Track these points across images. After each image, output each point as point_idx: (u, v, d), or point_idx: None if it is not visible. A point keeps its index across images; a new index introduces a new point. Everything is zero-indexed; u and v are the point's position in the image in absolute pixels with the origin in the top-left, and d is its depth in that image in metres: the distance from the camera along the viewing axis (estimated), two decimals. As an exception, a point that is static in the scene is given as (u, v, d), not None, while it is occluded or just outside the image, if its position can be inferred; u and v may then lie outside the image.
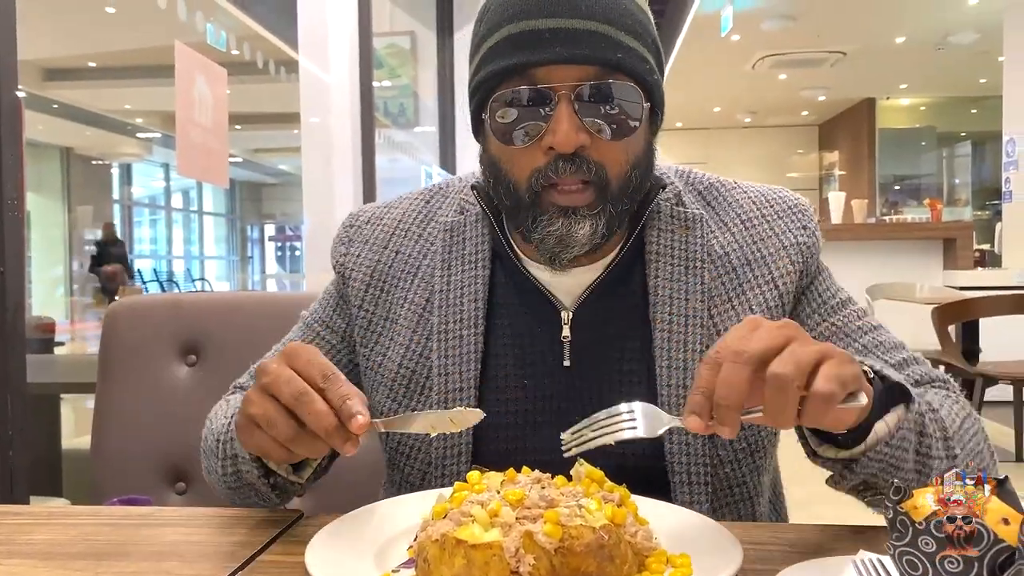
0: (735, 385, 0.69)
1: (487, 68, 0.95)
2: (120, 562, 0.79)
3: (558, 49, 0.91)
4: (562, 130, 0.91)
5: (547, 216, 0.95)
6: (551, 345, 1.01)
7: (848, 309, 1.05)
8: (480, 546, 0.64)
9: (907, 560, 0.60)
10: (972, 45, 10.11)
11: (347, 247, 1.13)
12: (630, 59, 0.93)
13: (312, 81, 4.32)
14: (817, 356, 0.71)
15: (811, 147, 16.19)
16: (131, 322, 1.53)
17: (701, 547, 0.73)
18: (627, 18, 0.94)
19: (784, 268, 1.03)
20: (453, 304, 1.04)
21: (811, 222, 1.07)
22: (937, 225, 6.83)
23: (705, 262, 1.02)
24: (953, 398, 0.98)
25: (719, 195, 1.09)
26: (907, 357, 1.03)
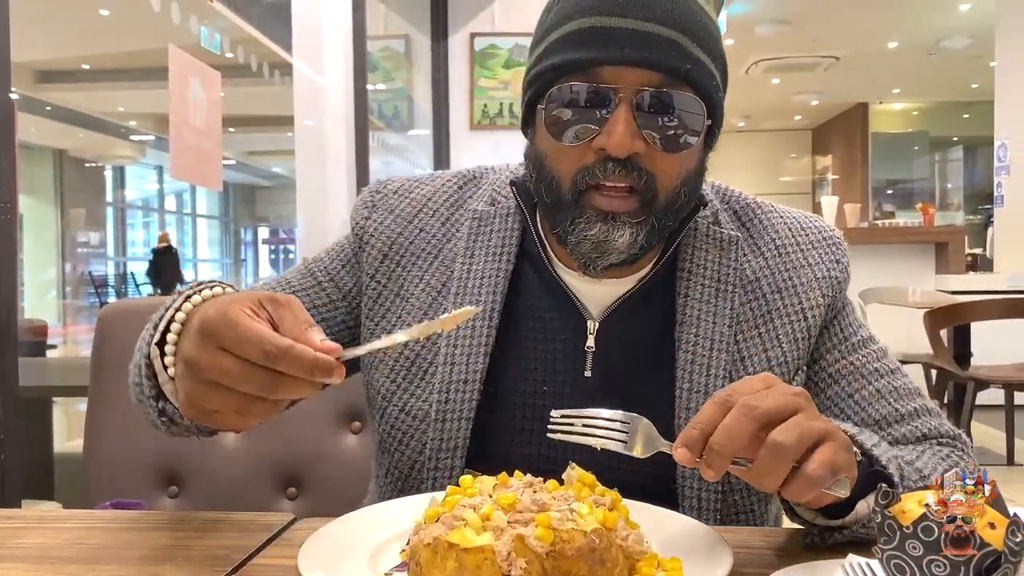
0: (736, 436, 0.69)
1: (550, 60, 0.93)
2: (112, 566, 0.79)
3: (627, 50, 0.89)
4: (617, 133, 0.89)
5: (586, 218, 0.93)
6: (574, 353, 0.99)
7: (868, 349, 1.04)
8: (472, 550, 0.64)
9: (895, 564, 0.61)
10: (964, 50, 10.16)
11: (370, 211, 1.10)
12: (699, 72, 0.91)
13: (306, 84, 4.32)
14: (819, 435, 0.70)
15: (804, 151, 16.23)
16: (124, 325, 1.52)
17: (692, 551, 0.73)
18: (701, 30, 0.92)
19: (815, 300, 1.02)
20: (471, 292, 1.02)
21: (844, 256, 1.06)
22: (929, 229, 6.85)
23: (736, 286, 1.01)
24: (954, 459, 0.96)
25: (755, 217, 1.07)
26: (919, 407, 1.01)
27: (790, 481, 0.70)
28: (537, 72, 0.95)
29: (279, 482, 1.45)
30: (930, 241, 6.56)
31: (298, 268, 1.12)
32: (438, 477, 0.97)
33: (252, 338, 0.69)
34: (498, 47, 5.50)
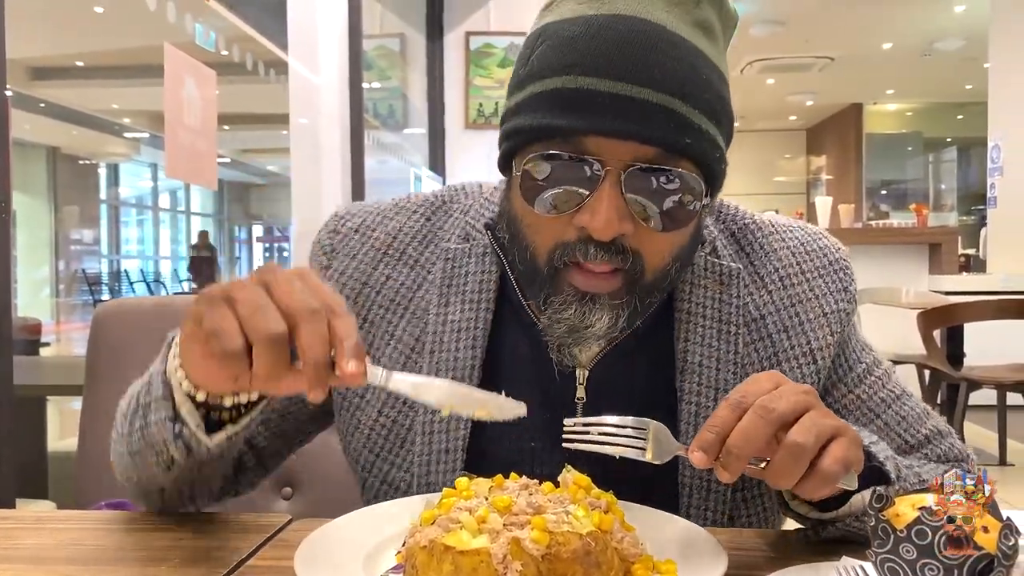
0: (753, 439, 0.69)
1: (528, 118, 0.82)
2: (109, 567, 0.79)
3: (617, 121, 0.78)
4: (602, 214, 0.79)
5: (562, 298, 0.84)
6: (563, 407, 0.91)
7: (872, 376, 0.99)
8: (468, 552, 0.64)
9: (888, 567, 0.61)
10: (958, 51, 10.19)
11: (329, 259, 1.00)
12: (699, 143, 0.81)
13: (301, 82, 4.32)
14: (832, 432, 0.71)
15: (799, 152, 16.26)
16: (119, 324, 1.52)
17: (687, 553, 0.73)
18: (705, 92, 0.81)
19: (823, 340, 0.95)
20: (447, 348, 0.93)
21: (852, 283, 0.99)
22: (923, 230, 6.88)
23: (739, 326, 0.93)
24: None
25: (755, 241, 0.98)
26: (930, 432, 0.98)
27: (805, 478, 0.70)
28: (515, 126, 0.84)
29: (275, 482, 1.45)
30: (924, 242, 6.59)
31: None
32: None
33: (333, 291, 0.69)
34: (494, 46, 5.50)
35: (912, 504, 0.62)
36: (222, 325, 0.67)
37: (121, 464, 0.91)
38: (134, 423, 0.86)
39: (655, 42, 0.79)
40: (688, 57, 0.81)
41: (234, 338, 0.67)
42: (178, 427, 0.80)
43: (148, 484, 0.89)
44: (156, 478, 0.87)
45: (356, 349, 0.66)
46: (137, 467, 0.88)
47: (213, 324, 0.68)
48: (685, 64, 0.80)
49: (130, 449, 0.87)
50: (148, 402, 0.83)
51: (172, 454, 0.82)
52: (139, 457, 0.86)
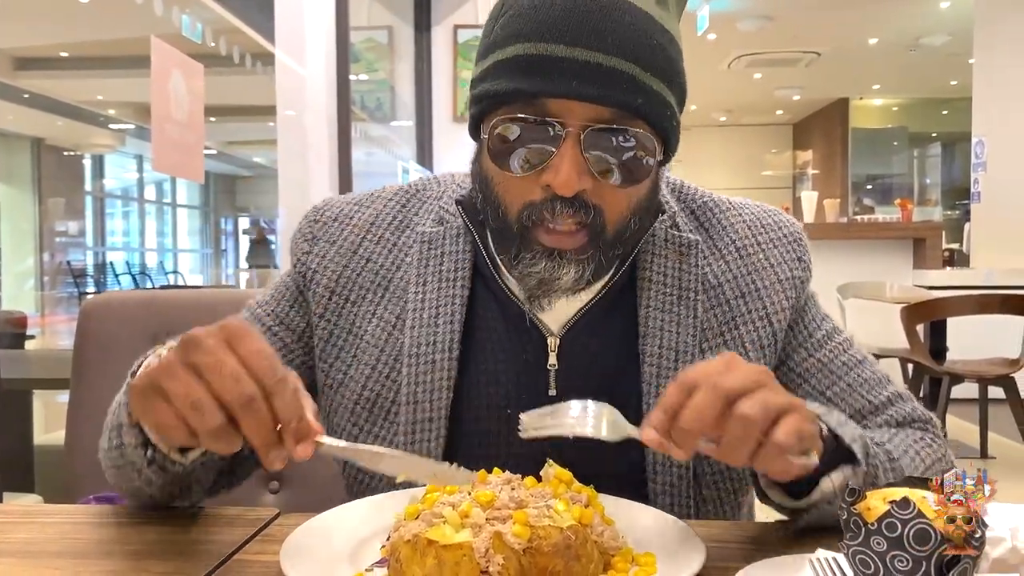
0: (704, 415, 0.70)
1: (493, 83, 0.88)
2: (98, 560, 0.80)
3: (575, 84, 0.83)
4: (564, 171, 0.84)
5: (532, 254, 0.89)
6: (536, 373, 0.96)
7: (833, 342, 1.03)
8: (451, 546, 0.66)
9: (860, 559, 0.63)
10: (943, 47, 10.25)
11: (311, 245, 1.04)
12: (652, 105, 0.86)
13: (288, 74, 4.30)
14: (784, 406, 0.72)
15: (785, 146, 16.32)
16: (106, 317, 1.53)
17: (666, 546, 0.75)
18: (657, 56, 0.86)
19: (779, 304, 1.00)
20: (427, 324, 0.97)
21: (805, 253, 1.05)
22: (907, 225, 6.93)
23: (698, 292, 0.98)
24: (926, 442, 0.97)
25: (713, 216, 1.04)
26: (891, 395, 1.01)
27: (759, 452, 0.72)
28: (482, 92, 0.90)
29: (262, 477, 1.46)
30: (908, 236, 6.64)
31: (244, 315, 1.06)
32: None
33: (269, 353, 0.70)
34: (481, 39, 5.49)
35: (883, 497, 0.64)
36: (163, 421, 0.70)
37: (109, 474, 0.95)
38: (112, 440, 0.90)
39: (610, 10, 0.84)
40: (641, 23, 0.86)
41: (180, 433, 0.70)
42: (150, 453, 0.84)
43: (137, 492, 0.92)
44: (142, 489, 0.90)
45: (300, 429, 0.70)
46: (123, 479, 0.91)
47: (154, 421, 0.71)
48: (638, 30, 0.85)
49: (114, 464, 0.91)
50: (119, 423, 0.87)
51: (148, 475, 0.86)
52: (122, 472, 0.90)
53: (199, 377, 0.69)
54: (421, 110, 5.69)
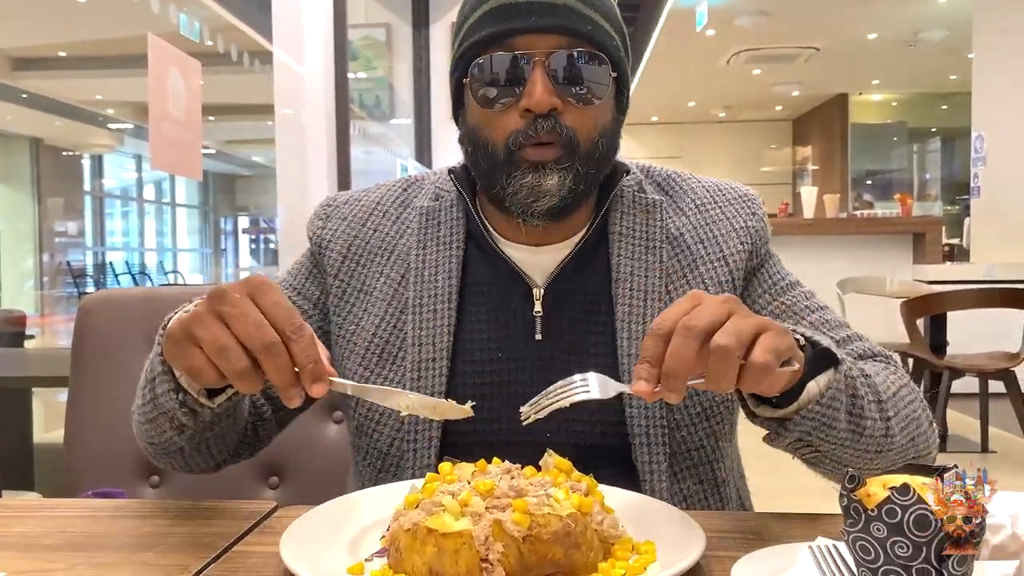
0: (685, 357, 0.75)
1: (469, 39, 1.04)
2: (97, 553, 0.80)
3: (533, 19, 1.00)
4: (537, 91, 0.99)
5: (519, 171, 1.02)
6: (524, 320, 1.08)
7: (796, 291, 1.13)
8: (451, 535, 0.66)
9: (860, 545, 0.63)
10: (942, 42, 10.24)
11: (324, 222, 1.18)
12: (599, 33, 1.02)
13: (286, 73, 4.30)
14: (756, 328, 0.77)
15: (785, 142, 16.33)
16: (105, 315, 1.53)
17: (665, 534, 0.75)
18: (599, 1, 1.03)
19: (734, 247, 1.11)
20: (428, 281, 1.10)
21: (759, 209, 1.17)
22: (907, 220, 6.93)
23: (663, 243, 1.11)
24: (891, 370, 1.05)
25: (675, 184, 1.18)
26: (850, 334, 1.10)
27: (743, 376, 0.77)
28: (460, 53, 1.05)
29: (261, 471, 1.46)
30: (908, 231, 6.64)
31: None
32: (418, 450, 1.04)
33: (287, 305, 0.79)
34: (479, 37, 5.48)
35: (883, 484, 0.64)
36: (195, 364, 0.79)
37: (141, 432, 1.01)
38: (146, 395, 0.96)
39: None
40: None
41: (210, 374, 0.79)
42: (181, 396, 0.90)
43: (168, 445, 0.98)
44: (173, 440, 0.96)
45: (315, 371, 0.78)
46: (155, 432, 0.97)
47: (187, 364, 0.80)
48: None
49: (147, 418, 0.97)
50: (153, 377, 0.94)
51: (180, 419, 0.92)
52: (154, 424, 0.96)
53: (225, 325, 0.78)
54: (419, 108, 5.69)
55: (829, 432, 0.89)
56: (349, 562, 0.72)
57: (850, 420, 0.91)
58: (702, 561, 0.72)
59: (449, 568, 0.65)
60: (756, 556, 0.71)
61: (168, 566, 0.76)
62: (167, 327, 0.88)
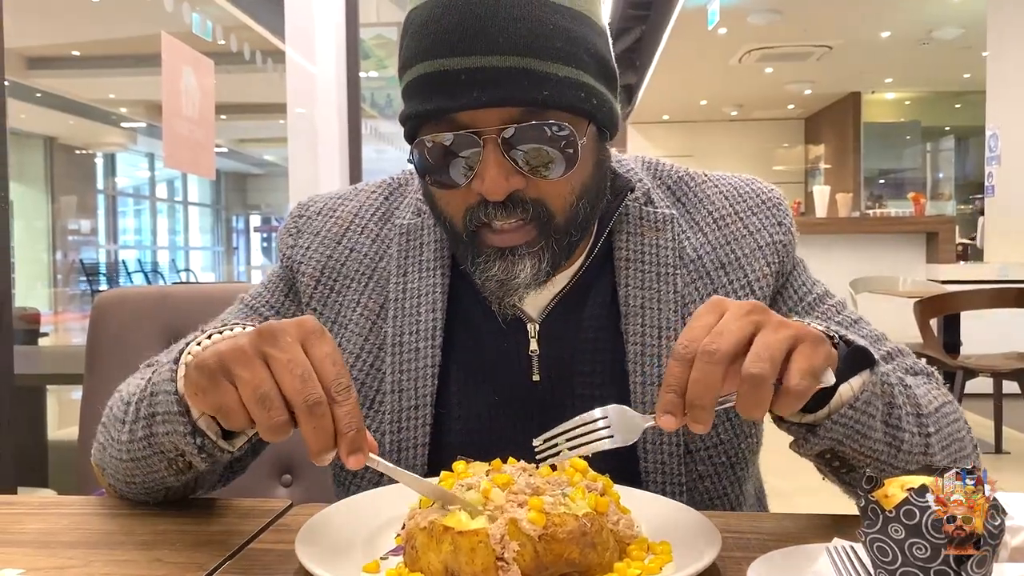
0: (709, 385, 0.69)
1: (407, 106, 0.89)
2: (112, 551, 0.80)
3: (475, 94, 0.83)
4: (490, 178, 0.85)
5: (484, 257, 0.90)
6: (518, 360, 0.96)
7: (824, 306, 1.02)
8: (467, 533, 0.66)
9: (878, 547, 0.62)
10: (956, 40, 10.17)
11: (295, 238, 1.06)
12: (560, 92, 0.85)
13: (298, 71, 4.31)
14: (789, 344, 0.70)
15: (797, 141, 16.25)
16: (119, 313, 1.53)
17: (681, 535, 0.75)
18: (555, 40, 0.85)
19: (760, 271, 0.99)
20: (409, 314, 0.98)
21: (786, 217, 1.03)
22: (920, 219, 6.89)
23: (677, 267, 0.98)
24: (934, 386, 0.96)
25: (689, 190, 1.04)
26: (890, 350, 1.00)
27: (776, 400, 0.70)
28: (402, 116, 0.91)
29: (274, 470, 1.46)
30: (921, 231, 6.61)
31: (237, 307, 1.07)
32: None
33: (339, 360, 0.71)
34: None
35: (901, 485, 0.64)
36: (225, 403, 0.71)
37: (115, 469, 0.92)
38: (135, 432, 0.87)
39: (495, 9, 0.83)
40: (533, 12, 0.84)
41: (240, 418, 0.71)
42: (199, 440, 0.81)
43: (152, 485, 0.90)
44: (163, 480, 0.89)
45: (355, 440, 0.69)
46: (139, 471, 0.89)
47: (216, 402, 0.72)
48: (529, 20, 0.84)
49: (131, 456, 0.88)
50: (152, 413, 0.85)
51: (191, 462, 0.84)
52: (143, 463, 0.88)
53: (269, 370, 0.70)
54: (431, 106, 5.69)
55: (863, 442, 0.80)
56: (364, 560, 0.72)
57: (887, 432, 0.83)
58: (718, 562, 0.72)
59: (465, 566, 0.65)
60: (772, 557, 0.71)
61: (183, 564, 0.76)
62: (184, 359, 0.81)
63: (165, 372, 0.84)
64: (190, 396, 0.78)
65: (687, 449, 0.95)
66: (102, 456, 0.95)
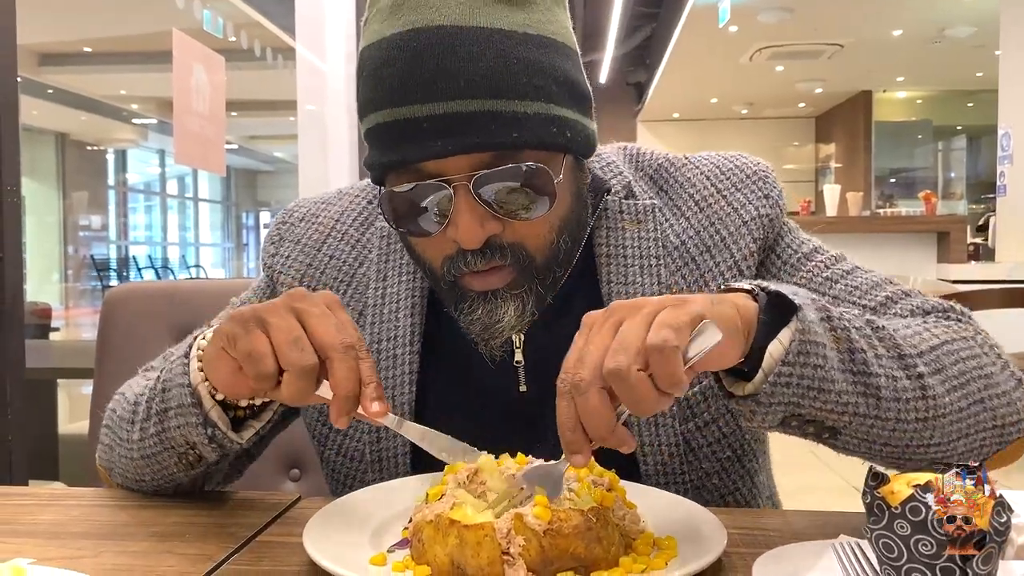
0: (597, 416, 0.65)
1: (371, 153, 0.85)
2: (122, 542, 0.81)
3: (440, 142, 0.78)
4: (464, 226, 0.80)
5: (467, 303, 0.86)
6: (503, 370, 0.92)
7: (814, 261, 0.96)
8: (473, 527, 0.66)
9: (883, 543, 0.63)
10: (968, 39, 10.11)
11: (276, 247, 1.05)
12: (531, 131, 0.80)
13: (309, 69, 4.31)
14: (647, 321, 0.65)
15: (807, 139, 16.19)
16: (129, 308, 1.54)
17: (687, 530, 0.75)
18: (520, 75, 0.80)
19: (747, 248, 0.94)
20: (387, 319, 0.96)
21: (773, 190, 0.98)
22: (931, 218, 6.86)
23: (661, 257, 0.94)
24: (948, 324, 0.88)
25: (670, 176, 0.99)
26: (891, 294, 0.93)
27: (654, 372, 0.64)
28: (366, 162, 0.87)
29: (282, 464, 1.47)
30: (932, 230, 6.57)
31: (228, 312, 1.06)
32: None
33: (355, 325, 0.74)
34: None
35: (907, 482, 0.64)
36: (257, 347, 0.72)
37: (124, 468, 0.94)
38: (146, 429, 0.89)
39: (452, 48, 0.78)
40: (492, 48, 0.79)
41: (268, 363, 0.72)
42: (210, 431, 0.84)
43: (162, 482, 0.92)
44: (174, 477, 0.91)
45: (378, 390, 0.73)
46: (149, 468, 0.91)
47: (249, 347, 0.73)
48: (489, 57, 0.79)
49: (141, 454, 0.90)
50: (164, 408, 0.86)
51: (202, 454, 0.86)
52: (153, 460, 0.90)
53: (296, 319, 0.73)
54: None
55: (824, 397, 0.73)
56: (371, 553, 0.72)
57: (854, 380, 0.75)
58: (723, 558, 0.72)
59: (471, 560, 0.66)
60: (778, 553, 0.71)
61: (192, 555, 0.77)
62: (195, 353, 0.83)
63: (177, 367, 0.86)
64: (214, 357, 0.79)
65: (689, 447, 0.92)
66: (109, 457, 0.96)
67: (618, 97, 14.56)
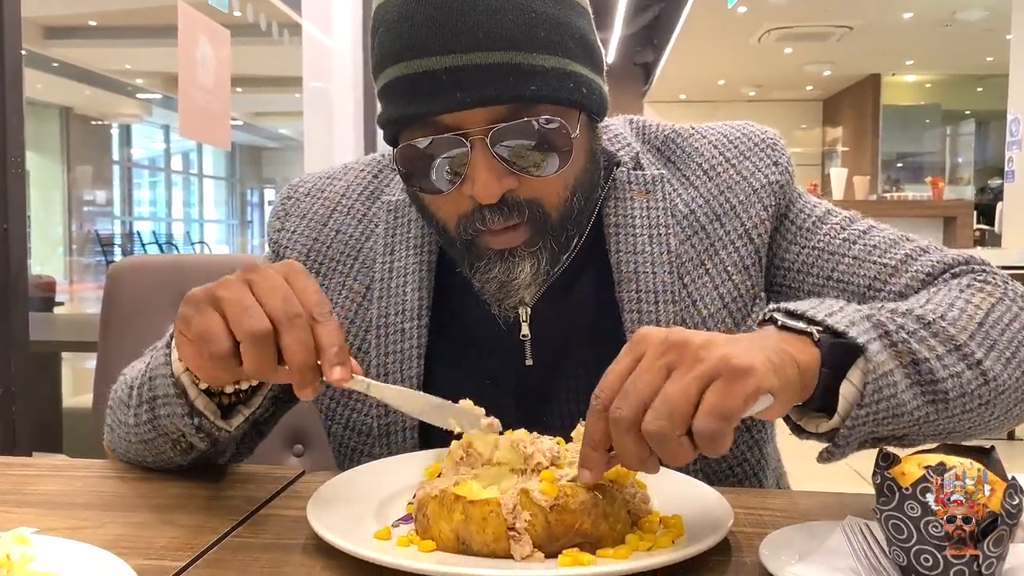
0: (631, 452, 0.62)
1: (386, 109, 0.85)
2: (126, 512, 0.81)
3: (459, 94, 0.78)
4: (481, 181, 0.80)
5: (484, 262, 0.87)
6: (510, 344, 0.93)
7: (828, 224, 0.95)
8: (478, 502, 0.65)
9: (892, 524, 0.62)
10: (979, 23, 10.02)
11: (282, 222, 1.04)
12: (548, 85, 0.81)
13: (315, 45, 4.29)
14: (700, 385, 0.61)
15: (815, 122, 16.12)
16: (133, 282, 1.54)
17: (694, 509, 0.74)
18: (538, 29, 0.80)
19: (757, 216, 0.94)
20: (395, 293, 0.96)
21: (782, 157, 0.97)
22: (938, 203, 6.83)
23: (670, 226, 0.93)
24: (977, 286, 0.83)
25: (677, 147, 0.99)
26: (909, 251, 0.91)
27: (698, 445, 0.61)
28: (381, 119, 0.86)
29: (286, 439, 1.47)
30: (939, 215, 6.55)
31: None
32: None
33: (320, 292, 0.71)
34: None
35: (918, 463, 0.63)
36: (209, 327, 0.71)
37: (126, 450, 0.94)
38: (140, 415, 0.88)
39: (473, 2, 0.79)
40: (511, 0, 0.80)
41: (222, 340, 0.70)
42: (197, 420, 0.82)
43: (163, 464, 0.92)
44: (173, 460, 0.90)
45: (339, 355, 0.70)
46: (148, 452, 0.91)
47: (200, 327, 0.71)
48: (510, 10, 0.79)
49: (140, 438, 0.89)
50: (152, 396, 0.85)
51: (192, 442, 0.85)
52: (151, 444, 0.89)
53: (249, 291, 0.71)
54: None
55: (898, 421, 0.71)
56: (376, 527, 0.72)
57: (923, 393, 0.72)
58: (729, 537, 0.71)
59: (476, 535, 0.65)
60: (785, 532, 0.71)
61: (197, 527, 0.76)
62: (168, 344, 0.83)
63: (160, 356, 0.85)
64: (178, 346, 0.78)
65: None
66: (111, 437, 0.97)
67: (625, 77, 14.48)
